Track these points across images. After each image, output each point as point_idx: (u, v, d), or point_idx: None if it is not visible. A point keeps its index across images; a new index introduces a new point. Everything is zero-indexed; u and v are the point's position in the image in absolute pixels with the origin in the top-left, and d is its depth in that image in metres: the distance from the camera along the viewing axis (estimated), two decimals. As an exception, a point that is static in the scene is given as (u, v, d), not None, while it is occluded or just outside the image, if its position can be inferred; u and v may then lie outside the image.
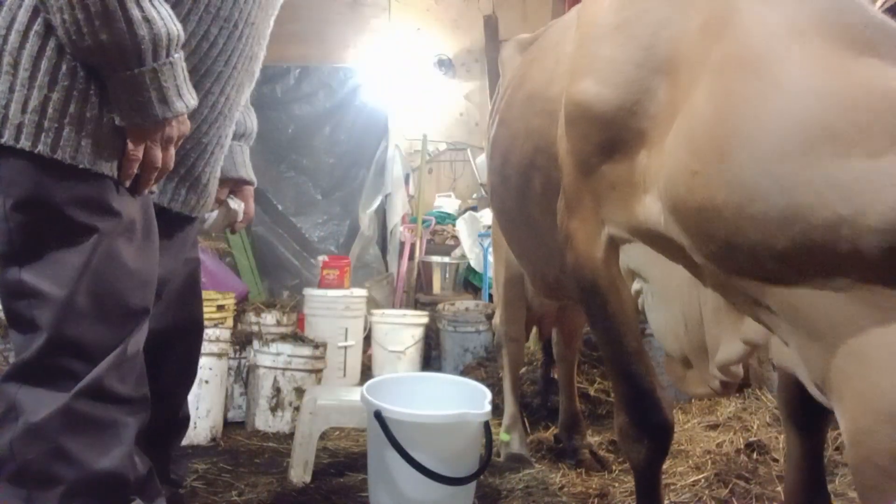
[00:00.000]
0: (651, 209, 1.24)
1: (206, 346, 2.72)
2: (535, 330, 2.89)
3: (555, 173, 1.64)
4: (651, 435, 1.48)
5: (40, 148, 1.07)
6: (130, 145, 1.13)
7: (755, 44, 1.02)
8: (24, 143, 1.07)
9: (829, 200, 0.89)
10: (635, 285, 1.44)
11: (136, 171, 1.16)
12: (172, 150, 1.19)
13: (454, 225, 5.08)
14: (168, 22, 1.09)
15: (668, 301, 1.35)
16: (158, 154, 1.16)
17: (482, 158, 4.95)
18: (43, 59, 1.07)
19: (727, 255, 1.04)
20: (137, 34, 1.05)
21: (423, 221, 5.10)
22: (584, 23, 1.45)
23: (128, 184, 1.16)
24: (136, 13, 1.04)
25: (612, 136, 1.29)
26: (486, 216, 4.44)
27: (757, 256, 0.99)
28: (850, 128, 0.89)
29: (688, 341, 1.33)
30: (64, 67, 1.08)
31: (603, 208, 1.39)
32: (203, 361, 2.71)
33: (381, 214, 5.53)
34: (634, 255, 1.39)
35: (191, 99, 1.17)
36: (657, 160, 1.19)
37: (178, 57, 1.12)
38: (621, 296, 1.46)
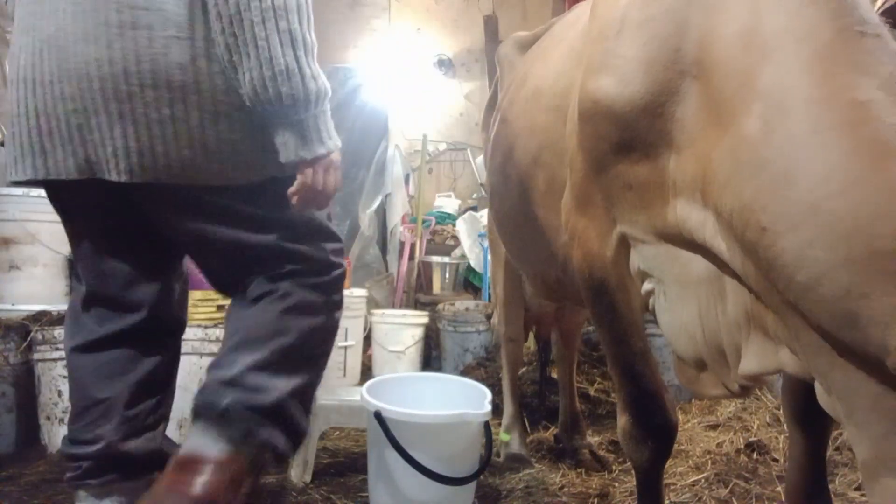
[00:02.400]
0: (687, 216, 1.20)
1: (205, 346, 2.72)
2: (533, 329, 2.89)
3: (561, 171, 1.61)
4: (654, 436, 1.47)
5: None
6: (299, 176, 1.35)
7: (817, 107, 0.95)
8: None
9: (885, 322, 0.85)
10: (646, 285, 1.42)
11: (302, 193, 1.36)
12: (334, 175, 1.38)
13: (454, 225, 5.08)
14: (324, 79, 1.33)
15: (684, 302, 1.33)
16: (320, 178, 1.36)
17: (482, 158, 4.95)
18: None
19: (787, 307, 1.00)
20: (309, 87, 1.29)
21: (423, 221, 5.10)
22: (600, 17, 1.40)
23: (295, 200, 1.37)
24: (307, 70, 1.29)
25: (631, 136, 1.26)
26: (487, 216, 4.44)
27: (819, 330, 0.95)
28: None
29: (705, 343, 1.31)
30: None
31: (616, 207, 1.37)
32: (203, 361, 2.71)
33: (381, 214, 5.53)
34: (648, 255, 1.37)
35: (338, 139, 1.39)
36: (694, 166, 1.16)
37: (328, 107, 1.36)
38: (630, 295, 1.44)
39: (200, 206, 1.38)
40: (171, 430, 2.63)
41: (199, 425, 1.34)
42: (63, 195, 1.47)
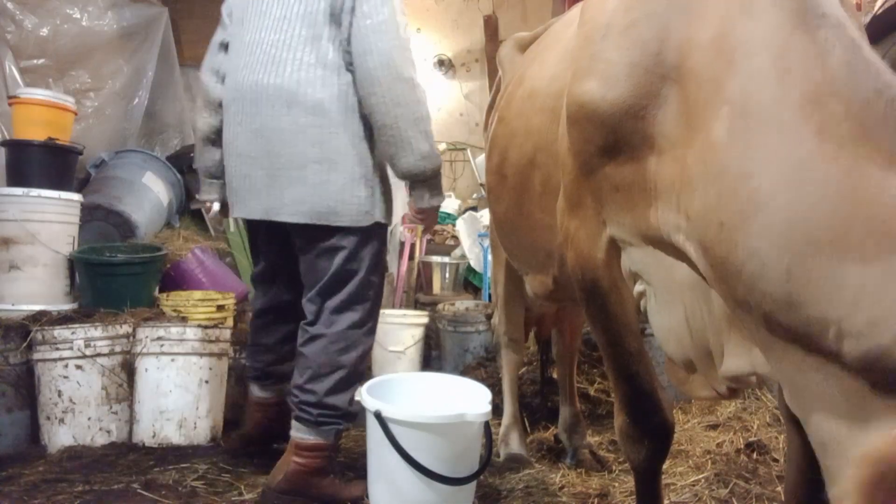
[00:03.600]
0: (666, 219, 1.22)
1: (205, 346, 2.72)
2: (533, 330, 2.89)
3: (555, 172, 1.63)
4: (651, 435, 1.47)
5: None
6: (425, 217, 2.23)
7: (772, 107, 1.01)
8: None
9: (823, 298, 0.92)
10: (638, 287, 1.43)
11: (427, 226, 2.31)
12: (437, 217, 2.30)
13: (454, 225, 5.08)
14: (438, 152, 2.07)
15: (671, 305, 1.34)
16: (435, 219, 2.29)
17: (482, 158, 4.95)
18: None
19: (743, 305, 1.05)
20: (438, 162, 2.07)
21: (424, 221, 5.10)
22: (587, 21, 1.42)
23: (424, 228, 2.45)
24: (435, 152, 2.06)
25: (616, 139, 1.27)
26: (487, 216, 4.44)
27: (766, 319, 1.01)
28: (850, 233, 0.91)
29: (692, 346, 1.32)
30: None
31: (605, 209, 1.38)
32: (203, 361, 2.71)
33: (381, 214, 5.52)
34: (636, 258, 1.38)
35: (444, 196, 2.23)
36: (672, 170, 1.18)
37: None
38: (622, 296, 1.45)
39: (331, 241, 2.06)
40: (171, 430, 2.64)
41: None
42: (253, 227, 2.31)
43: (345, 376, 2.08)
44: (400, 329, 3.81)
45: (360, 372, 2.14)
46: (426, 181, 2.07)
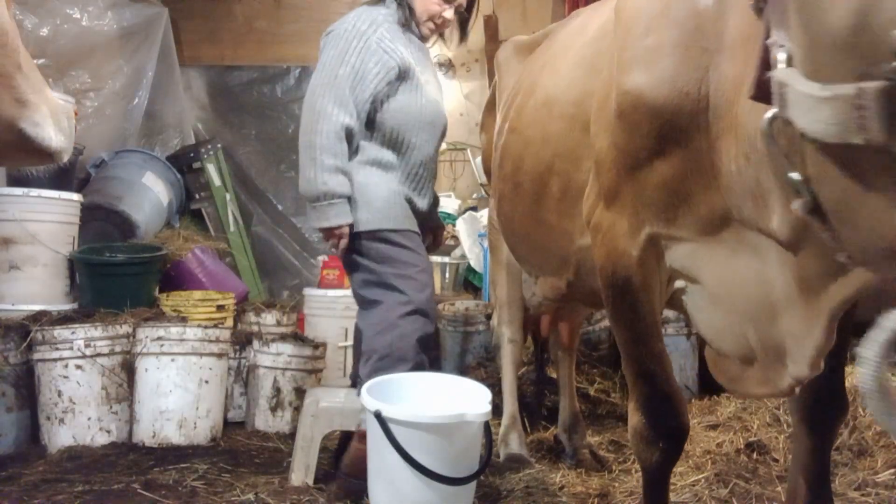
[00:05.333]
0: (733, 186, 1.19)
1: (205, 346, 2.72)
2: (531, 330, 2.89)
3: (576, 177, 1.64)
4: (667, 438, 1.46)
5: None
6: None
7: None
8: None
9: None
10: (677, 284, 1.42)
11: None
12: (337, 240, 2.33)
13: (454, 225, 5.07)
14: (334, 184, 2.21)
15: (727, 300, 1.32)
16: (333, 243, 2.37)
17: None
18: None
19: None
20: (319, 190, 2.23)
21: (424, 221, 5.09)
22: (624, 17, 1.44)
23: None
24: (316, 180, 2.23)
25: (663, 124, 1.27)
26: (486, 216, 4.43)
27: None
28: None
29: (757, 340, 1.30)
30: None
31: (647, 208, 1.37)
32: (203, 361, 2.71)
33: (382, 214, 5.52)
34: (683, 254, 1.37)
35: (338, 220, 2.28)
36: (730, 135, 1.16)
37: (337, 201, 2.25)
38: (652, 295, 1.44)
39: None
40: (171, 430, 2.64)
41: None
42: None
43: (380, 359, 2.17)
44: (400, 329, 3.80)
45: (402, 356, 2.19)
46: (310, 203, 2.23)
